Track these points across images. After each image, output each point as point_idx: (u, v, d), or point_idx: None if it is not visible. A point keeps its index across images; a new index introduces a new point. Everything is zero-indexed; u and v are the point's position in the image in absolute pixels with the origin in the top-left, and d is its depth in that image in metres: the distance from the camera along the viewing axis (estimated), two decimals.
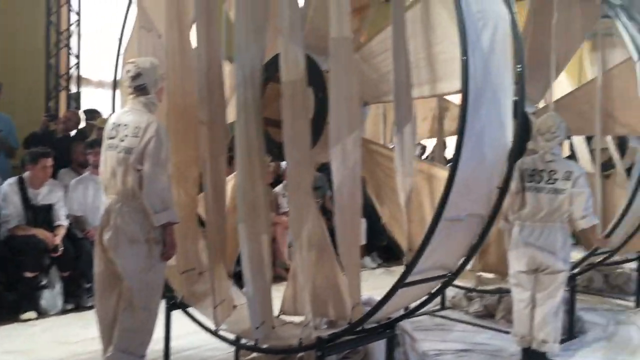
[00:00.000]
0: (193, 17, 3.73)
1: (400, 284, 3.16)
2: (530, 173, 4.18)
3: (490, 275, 5.46)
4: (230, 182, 3.98)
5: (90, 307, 4.62)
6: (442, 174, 3.12)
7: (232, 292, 3.93)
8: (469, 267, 3.94)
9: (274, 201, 6.94)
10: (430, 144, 5.71)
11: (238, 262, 3.78)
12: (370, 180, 3.70)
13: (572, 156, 6.32)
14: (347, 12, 3.27)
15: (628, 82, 5.05)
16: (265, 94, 3.65)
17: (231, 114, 3.76)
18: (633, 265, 6.37)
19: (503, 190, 3.40)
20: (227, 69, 3.98)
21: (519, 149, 5.09)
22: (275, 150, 3.73)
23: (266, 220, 3.66)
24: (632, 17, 5.42)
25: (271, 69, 3.63)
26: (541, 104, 5.49)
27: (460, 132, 2.99)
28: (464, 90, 2.96)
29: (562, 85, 6.37)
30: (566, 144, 6.06)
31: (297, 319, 3.79)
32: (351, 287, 3.35)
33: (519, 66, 3.56)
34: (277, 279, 6.46)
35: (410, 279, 3.17)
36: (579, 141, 6.36)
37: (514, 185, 4.20)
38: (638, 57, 4.96)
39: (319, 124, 3.54)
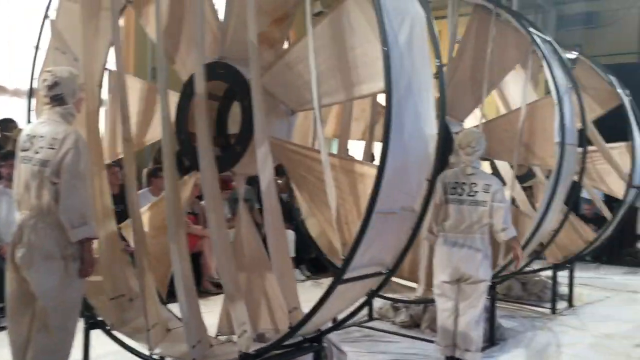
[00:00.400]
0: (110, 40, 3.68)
1: (338, 280, 3.12)
2: (453, 186, 4.31)
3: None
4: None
5: (3, 328, 4.36)
6: (372, 171, 3.14)
7: (166, 315, 3.84)
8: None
9: (202, 214, 6.82)
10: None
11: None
12: (303, 187, 3.68)
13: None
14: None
15: (548, 117, 5.26)
16: (192, 109, 3.61)
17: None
18: (550, 272, 6.68)
19: (432, 182, 3.47)
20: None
21: (441, 162, 5.29)
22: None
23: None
24: (559, 54, 5.69)
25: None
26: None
27: (386, 125, 3.01)
28: (387, 82, 2.98)
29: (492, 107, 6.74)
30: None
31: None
32: (287, 292, 3.33)
33: (437, 61, 3.66)
34: (205, 293, 6.35)
35: (347, 275, 3.14)
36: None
37: (437, 197, 4.33)
38: (557, 99, 5.12)
39: (246, 136, 3.52)
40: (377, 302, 5.86)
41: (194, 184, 4.20)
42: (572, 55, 7.55)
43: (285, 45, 3.87)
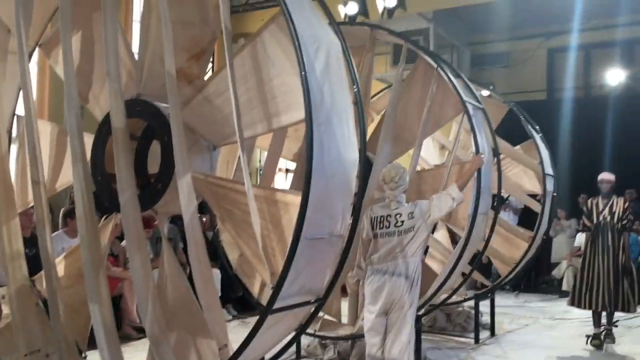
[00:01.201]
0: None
1: (268, 309, 3.05)
2: (380, 220, 4.36)
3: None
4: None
5: None
6: (296, 199, 3.13)
7: None
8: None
9: (122, 255, 6.56)
10: None
11: None
12: (228, 221, 3.63)
13: None
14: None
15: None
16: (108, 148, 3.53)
17: None
18: (472, 303, 6.85)
19: (357, 207, 3.49)
20: None
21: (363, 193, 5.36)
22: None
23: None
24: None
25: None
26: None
27: (309, 151, 3.02)
28: (307, 108, 3.00)
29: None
30: None
31: None
32: (216, 327, 3.22)
33: (354, 87, 3.75)
34: (126, 338, 6.06)
35: (277, 304, 3.08)
36: None
37: (364, 233, 4.37)
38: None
39: (167, 173, 3.44)
40: (305, 340, 5.81)
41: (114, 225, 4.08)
42: (486, 92, 7.93)
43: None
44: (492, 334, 6.98)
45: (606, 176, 6.63)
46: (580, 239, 10.43)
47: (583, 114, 11.64)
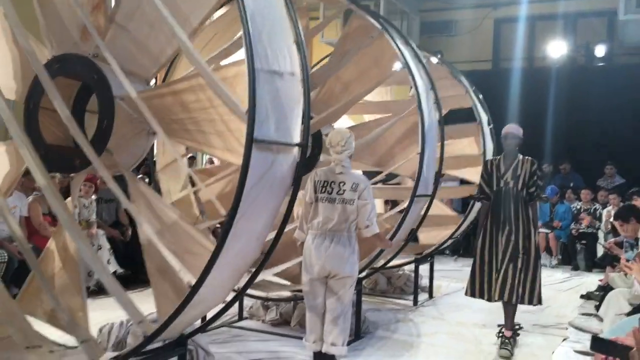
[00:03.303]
0: None
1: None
2: (322, 184, 4.36)
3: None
4: None
5: None
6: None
7: None
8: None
9: None
10: None
11: None
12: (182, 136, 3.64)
13: None
14: None
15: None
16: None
17: None
18: (412, 267, 7.03)
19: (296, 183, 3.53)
20: None
21: (312, 161, 5.38)
22: None
23: None
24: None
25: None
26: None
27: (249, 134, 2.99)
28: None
29: None
30: None
31: None
32: (124, 306, 3.21)
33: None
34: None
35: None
36: None
37: (307, 196, 4.37)
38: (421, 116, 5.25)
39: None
40: (248, 302, 5.85)
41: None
42: (434, 60, 8.00)
43: None
44: (430, 296, 7.22)
45: (511, 129, 5.31)
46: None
47: (527, 85, 11.95)
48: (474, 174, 7.21)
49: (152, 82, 4.26)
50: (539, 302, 5.14)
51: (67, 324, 3.37)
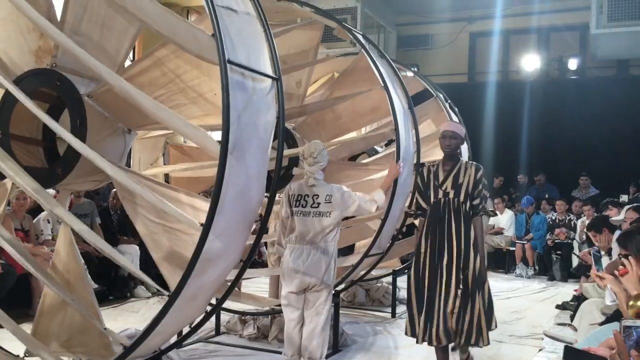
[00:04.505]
0: None
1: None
2: (297, 198, 4.36)
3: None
4: None
5: None
6: (204, 205, 3.15)
7: None
8: None
9: (32, 231, 6.30)
10: None
11: None
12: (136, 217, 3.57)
13: None
14: None
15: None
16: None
17: None
18: (390, 279, 7.04)
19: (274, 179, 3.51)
20: None
21: (285, 175, 5.37)
22: None
23: None
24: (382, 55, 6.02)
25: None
26: None
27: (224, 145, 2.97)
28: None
29: None
30: None
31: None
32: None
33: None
34: None
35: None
36: None
37: (283, 210, 4.37)
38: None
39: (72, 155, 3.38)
40: (225, 316, 5.80)
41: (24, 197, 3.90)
42: (410, 74, 8.09)
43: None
44: None
45: (451, 126, 4.38)
46: (494, 218, 10.94)
47: (502, 98, 12.15)
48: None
49: None
50: (480, 343, 4.23)
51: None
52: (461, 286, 4.11)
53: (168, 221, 3.32)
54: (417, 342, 4.33)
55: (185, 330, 3.65)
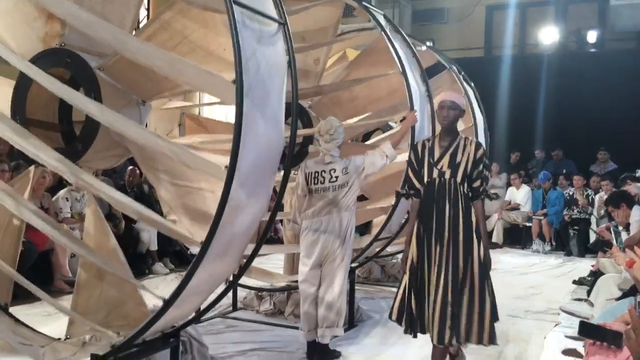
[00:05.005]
0: None
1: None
2: (314, 176, 4.38)
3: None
4: None
5: None
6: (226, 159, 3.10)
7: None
8: None
9: (52, 209, 6.38)
10: None
11: None
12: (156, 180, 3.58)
13: None
14: None
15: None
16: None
17: None
18: None
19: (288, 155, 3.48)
20: None
21: (302, 151, 5.36)
22: None
23: None
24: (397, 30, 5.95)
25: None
26: None
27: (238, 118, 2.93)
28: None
29: None
30: None
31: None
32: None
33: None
34: (58, 293, 5.96)
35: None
36: None
37: (299, 188, 4.40)
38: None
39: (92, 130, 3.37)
40: (242, 292, 5.87)
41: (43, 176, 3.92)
42: (423, 48, 7.98)
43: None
44: None
45: (450, 96, 3.82)
46: (511, 193, 10.86)
47: (519, 72, 11.98)
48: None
49: None
50: (491, 340, 3.63)
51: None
52: (462, 277, 3.60)
53: (192, 182, 3.33)
54: (403, 328, 3.84)
55: (204, 305, 3.68)
